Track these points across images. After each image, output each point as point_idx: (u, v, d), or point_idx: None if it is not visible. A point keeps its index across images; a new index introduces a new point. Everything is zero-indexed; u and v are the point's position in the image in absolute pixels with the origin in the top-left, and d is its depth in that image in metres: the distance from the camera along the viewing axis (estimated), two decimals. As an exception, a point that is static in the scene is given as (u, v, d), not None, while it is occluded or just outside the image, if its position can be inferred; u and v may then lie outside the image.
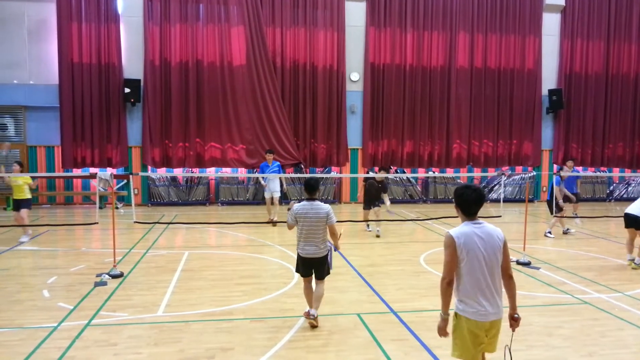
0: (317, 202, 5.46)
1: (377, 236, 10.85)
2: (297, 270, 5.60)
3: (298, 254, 5.53)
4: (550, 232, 11.35)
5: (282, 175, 13.15)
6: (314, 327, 5.40)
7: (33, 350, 4.81)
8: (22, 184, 10.13)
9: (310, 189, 5.52)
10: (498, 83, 17.82)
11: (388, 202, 11.22)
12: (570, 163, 12.80)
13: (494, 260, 3.41)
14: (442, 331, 3.53)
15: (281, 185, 12.73)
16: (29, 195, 10.40)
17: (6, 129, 15.69)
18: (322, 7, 16.52)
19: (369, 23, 16.95)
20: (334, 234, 5.49)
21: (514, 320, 3.60)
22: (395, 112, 17.25)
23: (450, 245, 3.39)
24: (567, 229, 11.69)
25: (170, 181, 16.32)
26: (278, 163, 13.08)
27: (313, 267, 5.49)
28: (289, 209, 5.54)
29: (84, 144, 15.71)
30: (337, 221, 5.56)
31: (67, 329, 5.35)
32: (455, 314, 3.51)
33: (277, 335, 5.24)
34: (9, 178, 10.22)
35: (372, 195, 11.02)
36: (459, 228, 3.46)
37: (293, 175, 16.06)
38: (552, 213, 11.19)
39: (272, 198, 12.32)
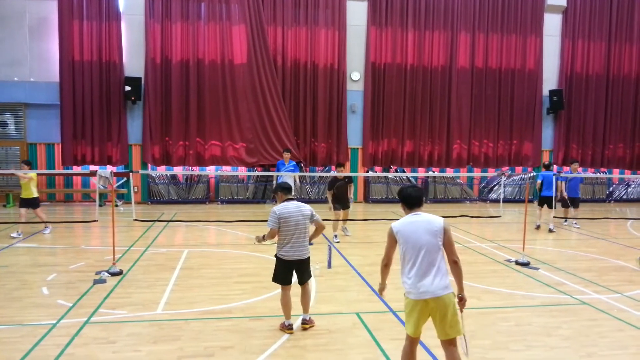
0: (297, 202, 5.34)
1: (348, 235, 10.78)
2: (276, 279, 5.31)
3: (280, 260, 5.28)
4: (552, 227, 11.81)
5: (296, 174, 13.01)
6: (307, 329, 5.35)
7: (32, 347, 4.81)
8: (28, 181, 10.24)
9: (287, 190, 5.44)
10: (499, 83, 17.81)
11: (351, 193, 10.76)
12: (575, 165, 12.77)
13: (431, 244, 3.81)
14: (380, 292, 4.27)
15: (294, 183, 12.68)
16: (36, 194, 10.58)
17: (6, 126, 15.69)
18: (324, 6, 16.51)
19: (370, 22, 16.95)
20: (321, 229, 5.46)
21: (460, 301, 3.97)
22: (396, 112, 17.25)
23: (389, 234, 3.96)
24: (539, 225, 12.15)
25: (170, 179, 16.32)
26: (294, 163, 13.03)
27: (298, 270, 5.30)
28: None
29: (84, 141, 15.72)
30: (338, 220, 5.56)
31: (66, 327, 5.35)
32: (404, 294, 3.93)
33: (276, 334, 5.24)
34: (19, 175, 10.35)
35: (342, 195, 10.46)
36: (400, 220, 3.99)
37: (303, 174, 15.96)
38: (550, 207, 11.51)
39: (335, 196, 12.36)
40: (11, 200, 15.16)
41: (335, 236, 10.30)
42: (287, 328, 5.26)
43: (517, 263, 8.42)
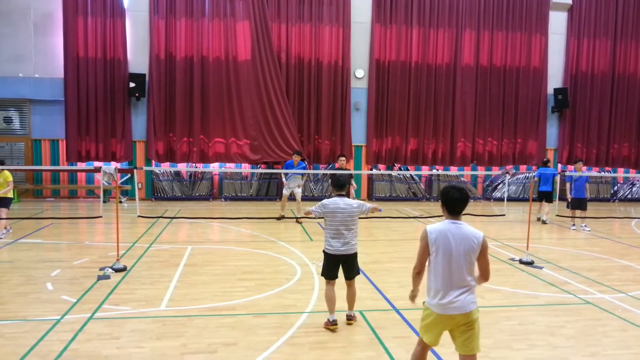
0: (349, 199, 5.34)
1: None
2: (323, 273, 5.41)
3: (326, 254, 5.35)
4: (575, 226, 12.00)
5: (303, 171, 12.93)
6: (351, 324, 5.41)
7: (36, 343, 4.83)
8: (2, 181, 9.88)
9: (339, 187, 5.39)
10: (503, 81, 17.76)
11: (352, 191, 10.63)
12: (579, 164, 12.75)
13: (463, 260, 3.55)
14: (411, 299, 3.94)
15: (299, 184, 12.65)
16: (10, 195, 10.13)
17: (11, 122, 15.74)
18: (328, 3, 16.48)
19: (374, 19, 16.91)
20: (374, 210, 5.47)
21: None
22: (400, 110, 17.22)
23: (424, 238, 3.64)
24: (541, 217, 12.47)
25: (174, 176, 16.35)
26: (304, 165, 12.95)
27: (344, 265, 5.31)
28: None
29: (88, 137, 15.76)
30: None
31: (70, 322, 5.37)
32: (424, 303, 3.75)
33: (279, 331, 5.25)
34: None
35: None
36: (437, 225, 3.65)
37: (302, 171, 15.92)
38: (548, 201, 12.07)
39: (292, 194, 12.41)
40: (16, 196, 15.19)
41: None
42: (331, 324, 5.25)
43: (521, 262, 8.40)
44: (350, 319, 5.46)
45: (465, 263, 3.56)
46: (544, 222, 12.79)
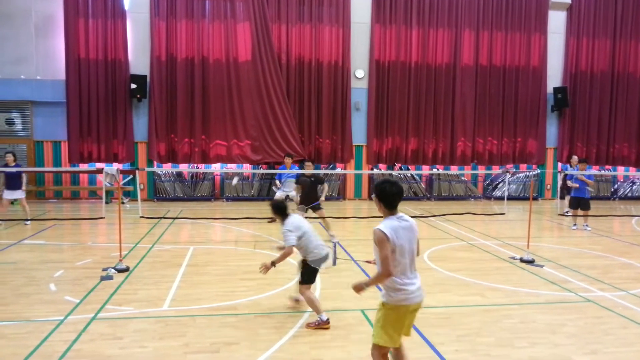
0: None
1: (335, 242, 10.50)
2: (309, 281, 5.59)
3: (310, 265, 5.58)
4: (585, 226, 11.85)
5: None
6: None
7: (39, 344, 4.86)
8: None
9: (282, 209, 5.62)
10: (503, 81, 17.78)
11: (323, 195, 10.25)
12: (583, 165, 12.67)
13: (414, 250, 3.71)
14: (358, 290, 3.94)
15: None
16: None
17: (13, 124, 15.79)
18: (328, 4, 16.51)
19: (374, 20, 16.93)
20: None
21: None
22: (400, 109, 17.25)
23: (384, 240, 3.55)
24: (578, 227, 11.87)
25: (176, 177, 16.40)
26: (297, 168, 12.95)
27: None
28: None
29: (90, 139, 15.81)
30: (343, 217, 5.58)
31: (73, 323, 5.40)
32: (383, 304, 3.72)
33: (281, 330, 5.27)
34: None
35: (307, 194, 10.12)
36: (387, 223, 3.61)
37: (303, 171, 15.91)
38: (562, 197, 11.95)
39: (286, 197, 12.31)
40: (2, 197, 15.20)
41: None
42: (325, 323, 5.29)
43: (521, 260, 8.42)
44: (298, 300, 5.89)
45: (414, 252, 3.71)
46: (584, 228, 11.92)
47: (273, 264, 5.45)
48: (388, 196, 3.62)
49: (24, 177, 11.62)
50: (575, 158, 13.65)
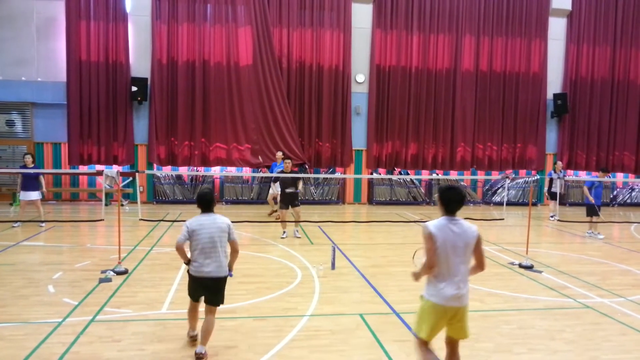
0: (215, 215, 4.89)
1: (298, 237, 10.65)
2: (189, 295, 4.90)
3: (191, 276, 4.78)
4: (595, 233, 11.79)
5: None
6: None
7: (38, 345, 4.86)
8: None
9: (206, 204, 4.88)
10: (503, 86, 17.82)
11: (300, 186, 11.03)
12: (559, 164, 12.87)
13: (462, 253, 3.79)
14: (415, 277, 4.01)
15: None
16: None
17: (14, 125, 15.80)
18: (329, 9, 16.57)
19: (375, 25, 16.98)
20: (235, 252, 4.91)
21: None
22: (400, 114, 17.28)
23: (429, 235, 3.78)
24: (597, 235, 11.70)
25: (176, 179, 16.40)
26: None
27: (208, 289, 4.77)
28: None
29: (90, 141, 15.82)
30: (342, 222, 5.57)
31: (71, 325, 5.40)
32: (421, 296, 3.92)
33: (280, 334, 5.27)
34: None
35: (289, 194, 10.54)
36: (437, 221, 3.84)
37: (303, 175, 15.95)
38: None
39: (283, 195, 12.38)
40: (18, 199, 15.22)
41: (284, 232, 10.70)
42: (193, 339, 4.96)
43: (520, 266, 8.43)
44: (193, 340, 4.99)
45: (464, 255, 3.80)
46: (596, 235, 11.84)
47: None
48: (448, 202, 3.86)
49: (42, 179, 11.62)
50: (559, 164, 14.21)
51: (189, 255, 4.84)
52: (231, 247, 4.92)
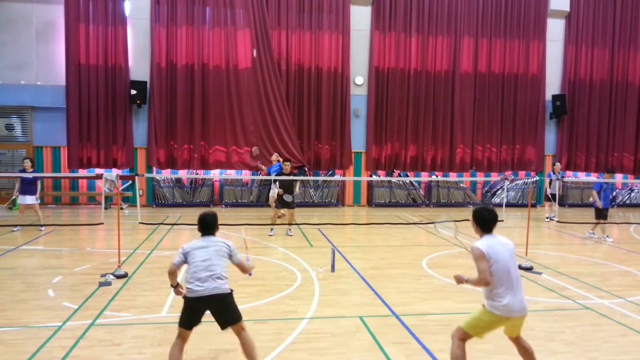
0: (216, 237, 4.67)
1: (290, 235, 11.14)
2: (181, 323, 4.38)
3: (187, 299, 4.37)
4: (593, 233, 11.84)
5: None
6: None
7: (37, 350, 4.86)
8: None
9: (207, 227, 4.68)
10: (502, 88, 17.85)
11: (297, 189, 11.54)
12: (558, 166, 12.95)
13: (511, 265, 4.07)
14: (459, 279, 4.26)
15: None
16: None
17: (13, 129, 15.81)
18: (328, 11, 16.59)
19: (373, 27, 17.02)
20: (244, 272, 4.69)
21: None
22: (399, 116, 17.30)
23: (482, 255, 4.03)
24: (606, 238, 11.47)
25: (175, 182, 16.40)
26: (280, 163, 13.05)
27: (214, 310, 4.39)
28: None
29: (89, 144, 15.82)
30: (341, 224, 5.57)
31: (71, 329, 5.40)
32: (483, 306, 4.11)
33: (280, 337, 5.27)
34: None
35: (285, 190, 11.09)
36: (484, 240, 4.12)
37: (302, 178, 15.95)
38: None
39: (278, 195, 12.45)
40: (17, 202, 15.22)
41: (272, 229, 11.26)
42: None
43: (520, 267, 8.38)
44: None
45: (515, 265, 4.11)
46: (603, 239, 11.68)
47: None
48: (485, 222, 4.19)
49: (39, 184, 11.69)
50: (558, 165, 14.44)
51: (179, 279, 4.58)
52: (239, 269, 4.64)
